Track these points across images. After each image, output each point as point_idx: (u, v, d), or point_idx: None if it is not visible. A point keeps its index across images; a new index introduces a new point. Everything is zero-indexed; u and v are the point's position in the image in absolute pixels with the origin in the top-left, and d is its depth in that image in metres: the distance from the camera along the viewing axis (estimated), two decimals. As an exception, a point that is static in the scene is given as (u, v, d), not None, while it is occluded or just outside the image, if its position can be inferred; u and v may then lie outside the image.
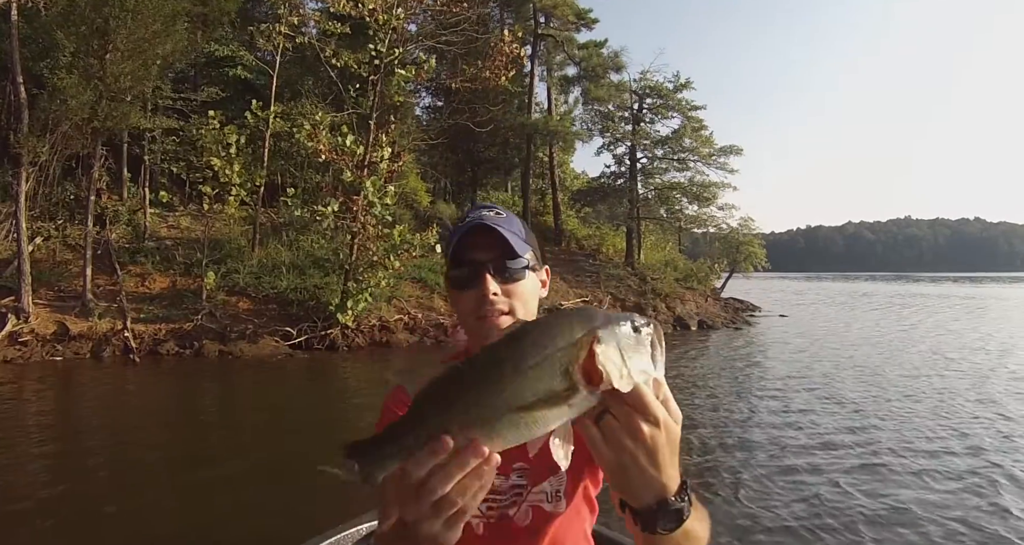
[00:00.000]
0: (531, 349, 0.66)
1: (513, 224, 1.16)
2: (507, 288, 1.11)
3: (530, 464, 1.10)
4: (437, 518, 0.67)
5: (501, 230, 1.09)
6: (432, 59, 13.59)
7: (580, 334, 0.66)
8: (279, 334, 13.51)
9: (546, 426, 0.66)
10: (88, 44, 12.66)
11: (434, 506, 0.66)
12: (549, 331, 0.67)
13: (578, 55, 23.35)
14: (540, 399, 0.65)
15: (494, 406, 0.65)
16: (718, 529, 4.57)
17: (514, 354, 0.66)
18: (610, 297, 19.59)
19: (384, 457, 0.68)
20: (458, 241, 1.13)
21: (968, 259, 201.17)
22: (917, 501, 5.09)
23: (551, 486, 1.11)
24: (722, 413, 8.42)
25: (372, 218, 13.30)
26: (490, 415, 0.65)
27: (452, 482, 0.65)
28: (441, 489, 0.65)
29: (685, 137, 23.64)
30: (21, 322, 12.09)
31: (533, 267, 1.15)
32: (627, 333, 0.67)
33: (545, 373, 0.65)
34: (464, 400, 0.66)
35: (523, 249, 1.12)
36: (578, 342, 0.66)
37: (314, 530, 1.97)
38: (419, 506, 0.66)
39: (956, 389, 9.73)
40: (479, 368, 0.67)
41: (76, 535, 4.64)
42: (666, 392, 0.69)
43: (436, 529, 0.67)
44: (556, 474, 1.11)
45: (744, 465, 6.05)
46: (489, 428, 0.65)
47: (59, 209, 15.62)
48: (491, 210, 1.17)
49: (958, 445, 6.68)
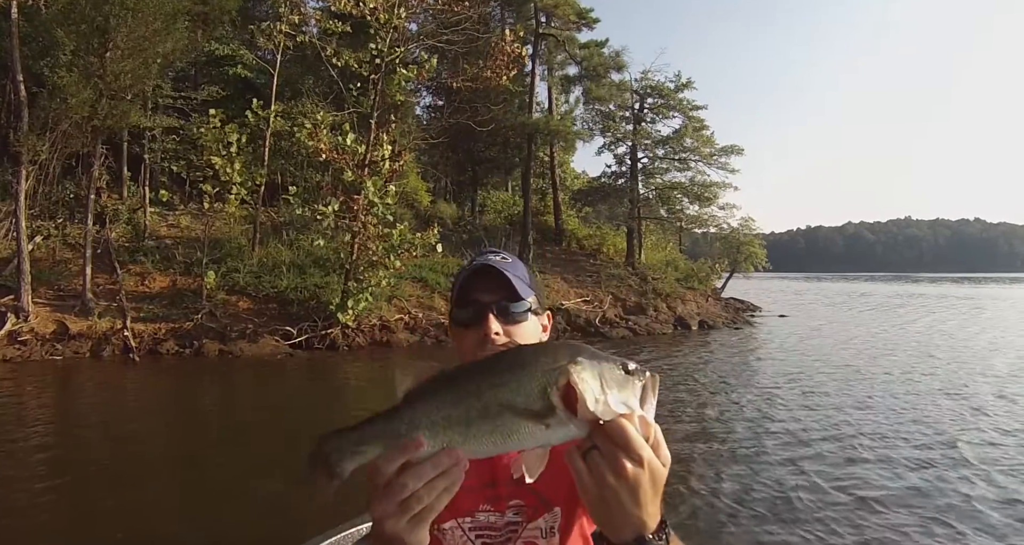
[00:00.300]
0: (515, 364, 0.69)
1: (518, 269, 1.19)
2: (509, 329, 1.14)
3: (526, 502, 1.12)
4: (403, 516, 0.68)
5: (506, 273, 1.13)
6: (434, 59, 13.52)
7: (564, 360, 0.68)
8: (279, 333, 13.48)
9: (521, 441, 0.68)
10: (88, 42, 12.64)
11: (402, 504, 0.67)
12: (536, 352, 0.71)
13: (579, 55, 23.28)
14: (517, 412, 0.67)
15: (471, 410, 0.67)
16: (725, 528, 4.57)
17: (498, 367, 0.70)
18: (611, 297, 19.55)
19: (357, 449, 0.70)
20: (463, 282, 1.17)
21: (968, 260, 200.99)
22: (912, 495, 5.09)
23: (545, 522, 1.12)
24: (726, 410, 8.41)
25: (373, 217, 13.27)
26: (466, 419, 0.67)
27: (422, 481, 0.67)
28: (411, 487, 0.66)
29: (686, 137, 23.61)
30: (20, 321, 12.07)
31: (535, 311, 1.19)
32: (611, 368, 0.69)
33: (524, 388, 0.67)
34: (444, 401, 0.68)
35: (527, 293, 1.16)
36: (560, 367, 0.68)
37: (314, 530, 1.97)
38: (386, 503, 0.68)
39: (952, 389, 9.75)
40: (464, 374, 0.71)
41: (75, 533, 4.61)
42: (658, 436, 0.70)
43: (401, 526, 0.69)
44: (551, 511, 1.12)
45: (753, 461, 6.04)
46: (463, 431, 0.67)
47: (59, 208, 15.61)
48: (498, 255, 1.21)
49: (957, 446, 6.66)
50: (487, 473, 1.13)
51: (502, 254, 1.22)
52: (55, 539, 4.55)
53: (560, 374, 0.67)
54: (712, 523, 4.72)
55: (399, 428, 0.68)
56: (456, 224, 22.26)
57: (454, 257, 17.42)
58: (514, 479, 1.07)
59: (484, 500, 1.12)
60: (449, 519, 1.11)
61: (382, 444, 0.68)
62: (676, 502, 4.95)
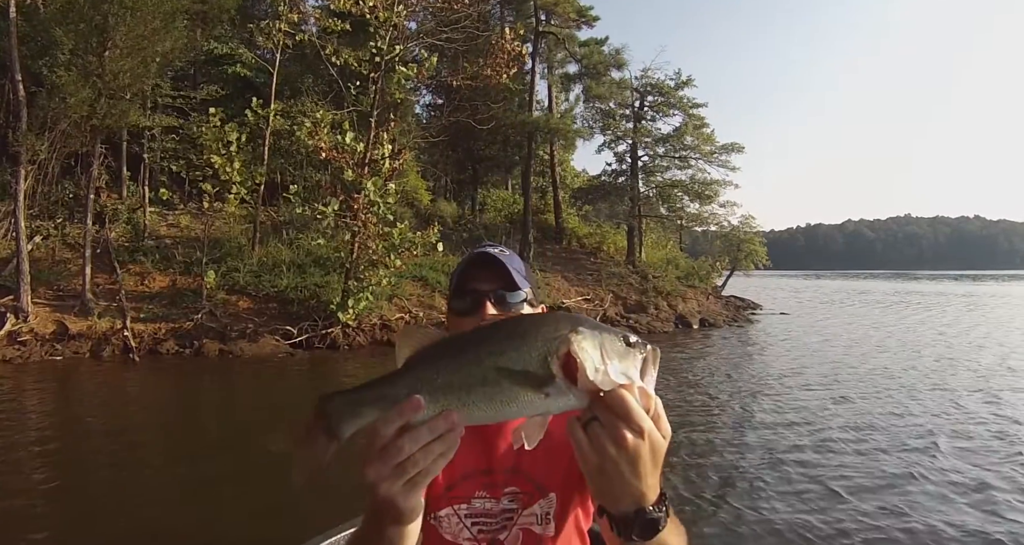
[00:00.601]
0: (516, 333, 0.69)
1: (515, 261, 1.20)
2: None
3: (522, 488, 1.13)
4: (398, 479, 0.69)
5: (504, 263, 1.15)
6: (434, 57, 13.49)
7: (565, 330, 0.68)
8: (280, 333, 13.45)
9: (519, 409, 0.68)
10: (87, 41, 12.59)
11: (397, 467, 0.68)
12: (537, 322, 0.71)
13: (579, 52, 23.22)
14: (516, 380, 0.67)
15: (471, 376, 0.67)
16: (733, 528, 4.54)
17: (499, 335, 0.70)
18: (612, 295, 19.52)
19: (357, 410, 0.70)
20: (462, 272, 1.20)
21: (968, 257, 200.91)
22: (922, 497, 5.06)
23: (541, 509, 1.13)
24: (727, 410, 8.38)
25: (373, 216, 13.24)
26: (466, 385, 0.67)
27: (419, 445, 0.67)
28: (408, 450, 0.67)
29: (686, 135, 23.56)
30: (20, 321, 12.02)
31: (531, 302, 1.20)
32: (612, 339, 0.69)
33: (524, 356, 0.67)
34: (444, 367, 0.68)
35: (523, 284, 1.18)
36: (561, 336, 0.68)
37: (314, 530, 1.96)
38: (382, 466, 0.68)
39: (958, 386, 9.71)
40: (464, 342, 0.71)
41: (75, 535, 4.59)
42: (658, 408, 0.71)
43: (395, 490, 0.70)
44: (546, 497, 1.13)
45: (767, 459, 6.02)
46: (462, 397, 0.67)
47: (58, 208, 15.57)
48: (495, 247, 1.22)
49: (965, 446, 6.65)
50: (483, 460, 1.14)
51: (500, 247, 1.24)
52: (55, 541, 4.52)
53: (561, 343, 0.67)
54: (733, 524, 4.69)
55: (399, 392, 0.68)
56: (456, 223, 22.22)
57: (454, 256, 17.37)
58: (510, 466, 1.14)
59: (480, 487, 1.13)
60: (445, 506, 1.13)
61: (381, 407, 0.68)
62: (691, 507, 4.92)
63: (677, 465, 5.85)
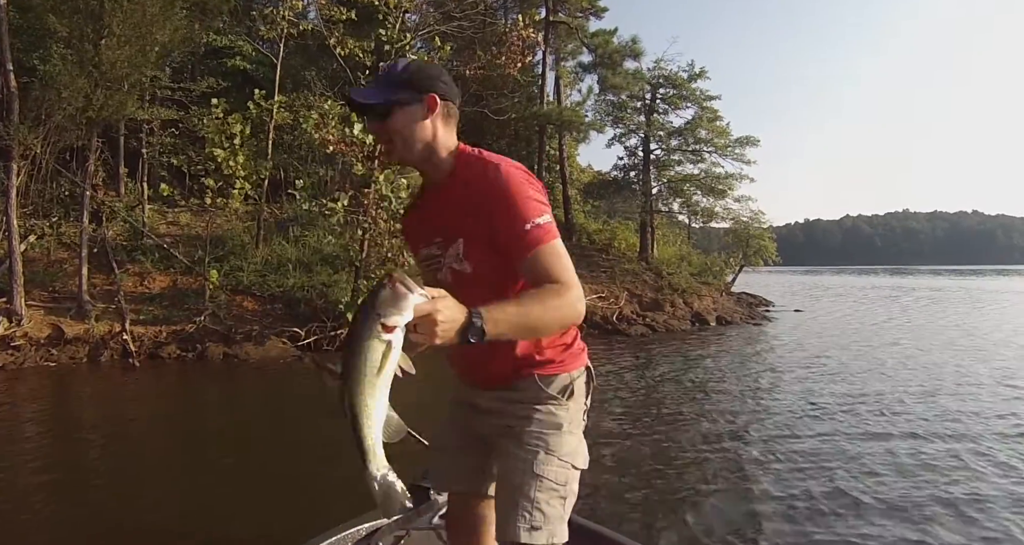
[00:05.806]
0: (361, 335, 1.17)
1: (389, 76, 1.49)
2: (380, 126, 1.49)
3: (443, 238, 1.54)
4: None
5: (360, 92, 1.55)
6: (447, 45, 12.98)
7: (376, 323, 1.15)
8: (286, 335, 12.87)
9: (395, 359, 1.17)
10: (82, 29, 12.05)
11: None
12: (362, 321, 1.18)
13: (593, 42, 22.66)
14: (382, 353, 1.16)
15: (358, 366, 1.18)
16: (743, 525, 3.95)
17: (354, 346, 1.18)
18: (626, 293, 18.96)
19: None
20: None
21: (966, 252, 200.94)
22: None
23: (454, 250, 1.50)
24: (760, 409, 7.82)
25: (384, 212, 12.66)
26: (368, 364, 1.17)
27: None
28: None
29: (700, 128, 23.04)
30: (13, 325, 11.48)
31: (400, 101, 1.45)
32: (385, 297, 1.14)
33: (373, 343, 1.16)
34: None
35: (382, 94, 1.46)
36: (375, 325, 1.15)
37: (314, 530, 2.07)
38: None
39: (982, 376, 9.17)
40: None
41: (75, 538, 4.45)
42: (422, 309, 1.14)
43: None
44: (455, 242, 1.50)
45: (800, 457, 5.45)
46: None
47: (53, 205, 15.03)
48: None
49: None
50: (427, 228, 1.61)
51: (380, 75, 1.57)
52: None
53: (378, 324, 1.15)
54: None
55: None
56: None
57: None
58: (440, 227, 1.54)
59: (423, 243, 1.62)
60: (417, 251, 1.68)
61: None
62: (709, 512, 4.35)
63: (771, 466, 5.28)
